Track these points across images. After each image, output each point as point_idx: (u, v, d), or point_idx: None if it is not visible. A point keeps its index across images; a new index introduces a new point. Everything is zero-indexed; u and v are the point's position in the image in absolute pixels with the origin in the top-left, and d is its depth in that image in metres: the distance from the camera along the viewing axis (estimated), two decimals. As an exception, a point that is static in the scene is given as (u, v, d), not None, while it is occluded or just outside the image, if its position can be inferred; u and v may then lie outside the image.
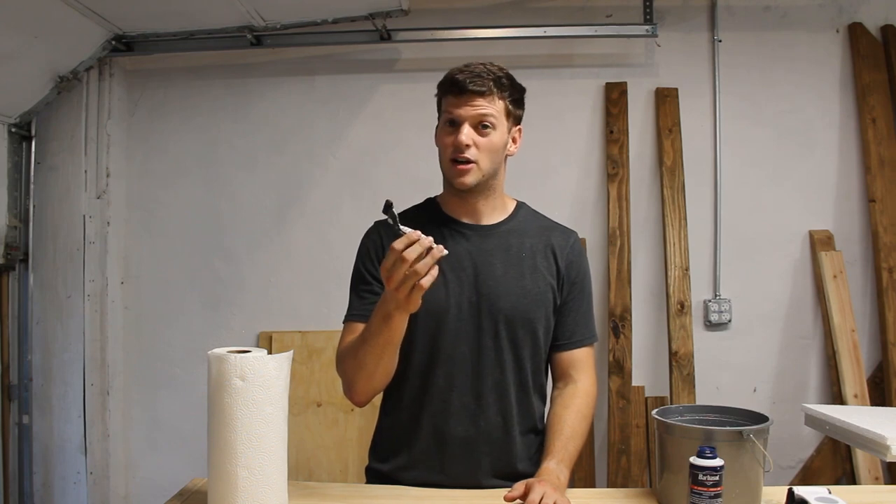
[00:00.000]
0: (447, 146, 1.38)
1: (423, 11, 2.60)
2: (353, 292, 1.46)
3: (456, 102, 1.37)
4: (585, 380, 1.45)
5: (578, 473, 2.57)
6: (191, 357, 2.69)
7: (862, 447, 1.88)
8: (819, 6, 2.69)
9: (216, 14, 2.46)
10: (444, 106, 1.41)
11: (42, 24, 2.27)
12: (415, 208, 1.52)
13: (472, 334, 1.39)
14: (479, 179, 1.39)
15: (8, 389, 2.59)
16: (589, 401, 1.45)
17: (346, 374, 1.37)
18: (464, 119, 1.36)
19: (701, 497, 1.10)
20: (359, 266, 1.47)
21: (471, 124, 1.36)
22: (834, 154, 2.67)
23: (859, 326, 2.57)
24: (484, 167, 1.38)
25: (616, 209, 2.64)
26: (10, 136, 2.57)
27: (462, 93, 1.36)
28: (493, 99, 1.37)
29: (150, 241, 2.76)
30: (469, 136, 1.36)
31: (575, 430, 1.38)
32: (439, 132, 1.42)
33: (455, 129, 1.37)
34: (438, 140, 1.42)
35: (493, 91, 1.37)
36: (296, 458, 2.54)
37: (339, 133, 2.74)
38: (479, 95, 1.36)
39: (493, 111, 1.37)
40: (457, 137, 1.36)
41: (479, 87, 1.36)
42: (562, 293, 1.46)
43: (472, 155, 1.36)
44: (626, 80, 2.69)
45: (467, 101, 1.36)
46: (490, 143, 1.38)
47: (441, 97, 1.42)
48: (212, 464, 1.13)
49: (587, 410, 1.43)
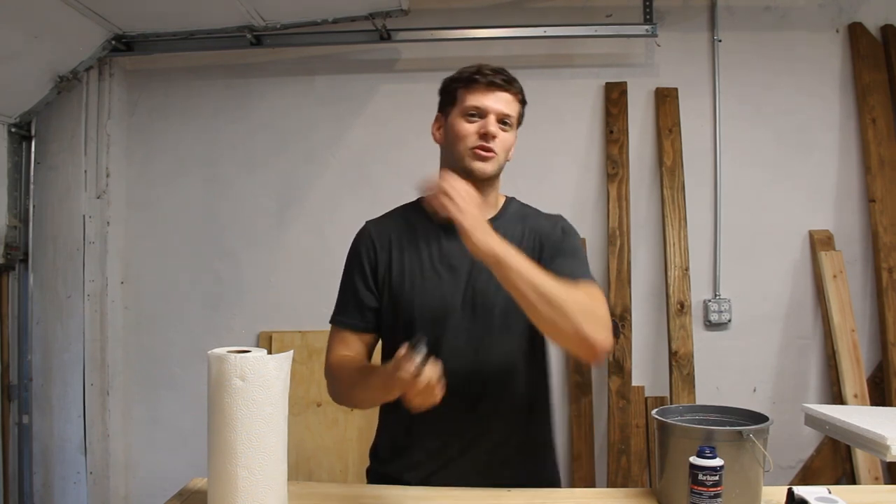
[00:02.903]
0: (467, 135, 1.38)
1: (423, 11, 2.60)
2: (342, 295, 1.47)
3: (484, 94, 1.38)
4: (597, 303, 1.28)
5: (578, 473, 2.57)
6: (191, 357, 2.68)
7: (862, 447, 1.88)
8: (819, 6, 2.69)
9: (216, 14, 2.46)
10: (463, 97, 1.40)
11: (42, 24, 2.27)
12: (402, 207, 1.52)
13: (469, 331, 1.39)
14: (496, 171, 1.41)
15: (8, 389, 2.59)
16: (595, 306, 1.25)
17: (338, 394, 1.43)
18: (490, 111, 1.38)
19: (701, 497, 1.10)
20: (350, 272, 1.46)
21: (495, 118, 1.38)
22: (834, 154, 2.67)
23: (859, 326, 2.57)
24: (500, 161, 1.41)
25: (616, 209, 2.64)
26: (10, 136, 2.57)
27: (491, 85, 1.38)
28: (516, 99, 1.41)
29: (150, 241, 2.76)
30: (496, 128, 1.38)
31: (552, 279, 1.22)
32: (455, 123, 1.40)
33: (477, 119, 1.38)
34: (452, 131, 1.41)
35: (516, 91, 1.41)
36: (296, 458, 2.54)
37: (339, 133, 2.74)
38: (506, 91, 1.39)
39: (513, 111, 1.41)
40: (485, 127, 1.37)
41: (506, 83, 1.39)
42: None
43: (496, 146, 1.38)
44: (626, 80, 2.69)
45: (496, 94, 1.38)
46: (507, 141, 1.41)
47: (459, 88, 1.41)
48: (212, 464, 1.13)
49: (578, 289, 1.25)
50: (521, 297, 1.19)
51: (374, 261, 1.44)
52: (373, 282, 1.43)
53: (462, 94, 1.40)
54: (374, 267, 1.44)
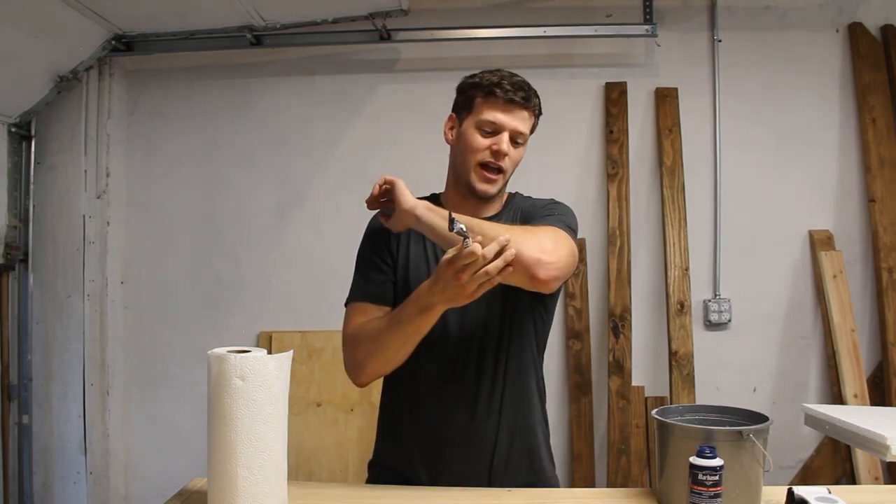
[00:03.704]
0: (479, 149, 1.37)
1: (423, 11, 2.60)
2: (359, 275, 1.47)
3: (503, 110, 1.36)
4: (536, 231, 1.29)
5: (578, 473, 2.57)
6: (191, 357, 2.68)
7: (862, 447, 1.88)
8: (819, 6, 2.69)
9: (216, 14, 2.46)
10: (480, 108, 1.38)
11: (42, 24, 2.28)
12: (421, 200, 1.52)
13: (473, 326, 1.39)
14: (501, 188, 1.41)
15: (8, 389, 2.59)
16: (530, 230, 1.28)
17: (358, 355, 1.37)
18: (506, 129, 1.37)
19: (701, 497, 1.10)
20: (367, 249, 1.47)
21: (509, 135, 1.37)
22: (834, 154, 2.68)
23: (859, 326, 2.57)
24: (507, 177, 1.41)
25: (616, 209, 2.64)
26: (10, 136, 2.57)
27: (510, 102, 1.36)
28: (532, 116, 1.41)
29: (150, 241, 2.76)
30: (508, 146, 1.37)
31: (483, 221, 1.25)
32: (469, 132, 1.39)
33: (492, 135, 1.37)
34: (464, 139, 1.40)
35: (534, 108, 1.40)
36: (296, 458, 2.54)
37: (339, 133, 2.74)
38: (525, 109, 1.38)
39: (527, 129, 1.40)
40: (498, 145, 1.36)
41: (526, 102, 1.37)
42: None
43: (505, 165, 1.38)
44: (626, 80, 2.69)
45: (514, 112, 1.37)
46: (517, 157, 1.41)
47: (477, 97, 1.39)
48: (212, 464, 1.13)
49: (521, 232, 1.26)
50: (445, 244, 1.22)
51: (388, 243, 1.45)
52: (389, 258, 1.45)
53: (479, 105, 1.39)
54: (388, 245, 1.45)
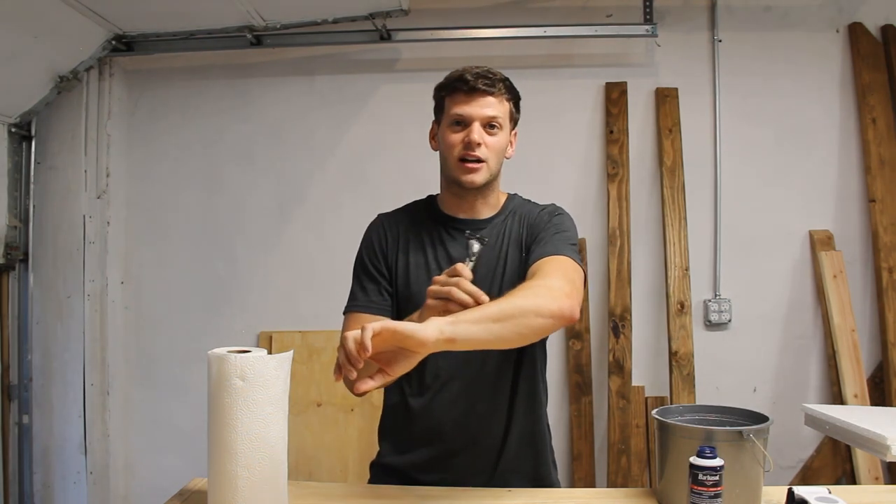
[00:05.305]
0: (454, 145, 1.38)
1: (423, 11, 2.60)
2: (356, 284, 1.47)
3: (466, 101, 1.37)
4: (547, 276, 1.26)
5: (578, 473, 2.57)
6: (191, 357, 2.68)
7: (862, 447, 1.88)
8: (819, 6, 2.69)
9: (216, 14, 2.46)
10: (448, 106, 1.40)
11: (42, 24, 2.28)
12: (413, 204, 1.52)
13: None
14: (488, 179, 1.40)
15: (8, 389, 2.59)
16: (541, 284, 1.23)
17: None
18: (474, 118, 1.36)
19: (701, 497, 1.10)
20: (363, 257, 1.47)
21: (480, 124, 1.36)
22: (834, 154, 2.67)
23: (859, 326, 2.57)
24: (492, 167, 1.40)
25: (616, 209, 2.64)
26: (10, 136, 2.57)
27: (472, 92, 1.36)
28: (501, 100, 1.39)
29: (150, 241, 2.76)
30: (480, 135, 1.36)
31: (496, 304, 1.18)
32: (443, 132, 1.41)
33: (463, 128, 1.37)
34: (442, 140, 1.41)
35: (501, 92, 1.38)
36: (296, 458, 2.54)
37: (339, 133, 2.74)
38: (489, 95, 1.37)
39: (500, 112, 1.38)
40: (468, 136, 1.36)
41: (489, 87, 1.36)
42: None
43: (483, 154, 1.37)
44: (626, 80, 2.69)
45: (477, 100, 1.36)
46: (497, 144, 1.39)
47: (444, 97, 1.41)
48: (212, 464, 1.13)
49: (532, 289, 1.22)
50: (486, 345, 1.16)
51: (385, 250, 1.45)
52: (385, 268, 1.44)
53: (447, 103, 1.40)
54: (385, 255, 1.45)
